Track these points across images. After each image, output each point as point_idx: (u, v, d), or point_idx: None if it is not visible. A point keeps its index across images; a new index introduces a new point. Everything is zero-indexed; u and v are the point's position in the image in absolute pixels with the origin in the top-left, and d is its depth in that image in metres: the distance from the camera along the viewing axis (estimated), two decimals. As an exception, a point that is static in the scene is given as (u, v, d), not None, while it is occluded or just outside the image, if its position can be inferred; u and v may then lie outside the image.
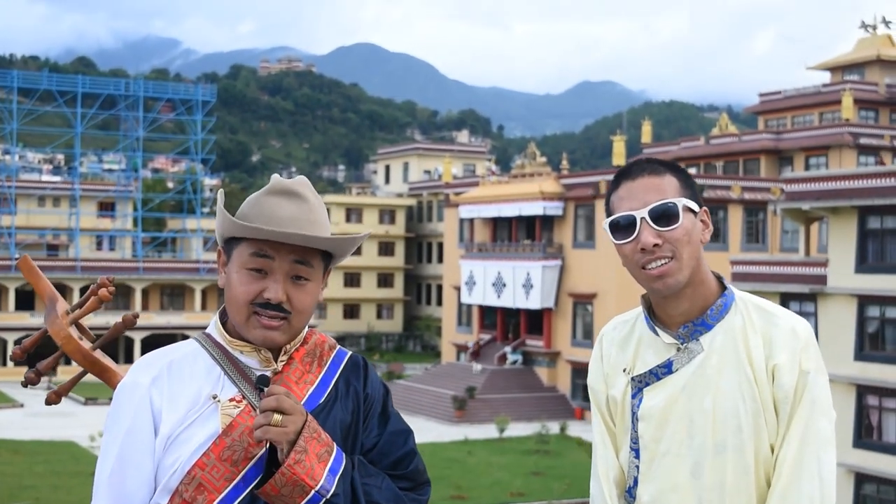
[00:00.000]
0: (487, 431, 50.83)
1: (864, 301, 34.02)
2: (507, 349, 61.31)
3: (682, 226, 2.65)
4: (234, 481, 2.45)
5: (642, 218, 2.65)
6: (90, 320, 3.29)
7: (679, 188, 2.70)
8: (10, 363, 69.27)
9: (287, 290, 2.54)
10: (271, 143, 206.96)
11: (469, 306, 67.69)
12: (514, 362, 60.82)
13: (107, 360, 3.09)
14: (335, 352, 2.71)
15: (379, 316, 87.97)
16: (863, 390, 33.55)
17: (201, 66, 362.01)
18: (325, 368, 2.66)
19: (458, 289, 67.72)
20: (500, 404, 55.56)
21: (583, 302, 57.97)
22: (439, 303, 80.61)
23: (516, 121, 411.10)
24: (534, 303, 59.40)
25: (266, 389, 2.43)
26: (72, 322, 3.11)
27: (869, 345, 34.13)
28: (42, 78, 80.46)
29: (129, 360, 72.25)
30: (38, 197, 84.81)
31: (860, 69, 71.23)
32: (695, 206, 2.70)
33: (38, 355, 3.23)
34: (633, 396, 2.75)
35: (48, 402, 3.11)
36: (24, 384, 3.14)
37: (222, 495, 2.45)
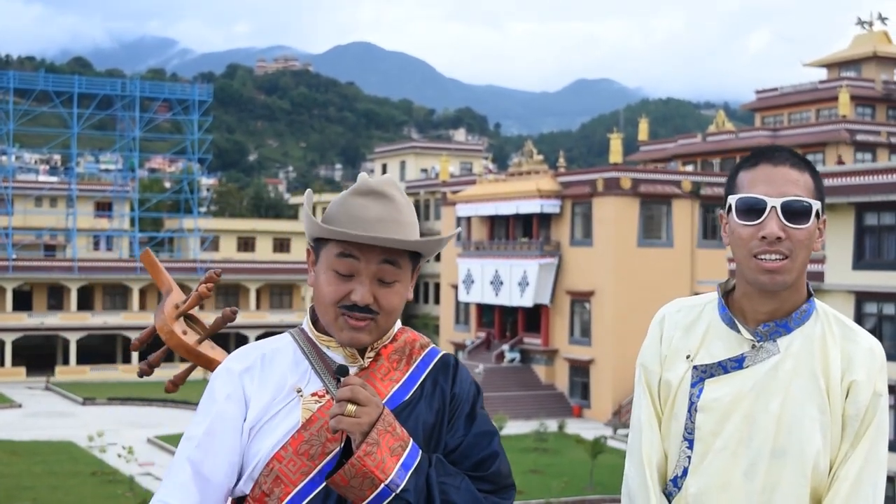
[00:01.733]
0: (486, 430, 50.78)
1: (862, 297, 34.07)
2: (505, 347, 61.29)
3: (809, 228, 2.59)
4: (311, 475, 2.47)
5: (774, 207, 2.58)
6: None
7: (814, 189, 2.63)
8: (7, 364, 69.19)
9: (374, 292, 2.55)
10: (268, 142, 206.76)
11: (467, 304, 67.68)
12: (512, 360, 60.81)
13: (214, 353, 3.18)
14: (426, 351, 2.71)
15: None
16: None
17: (198, 65, 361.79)
18: (414, 367, 2.66)
19: (455, 287, 67.71)
20: (498, 402, 55.53)
21: (580, 300, 57.96)
22: (437, 301, 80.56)
23: (513, 119, 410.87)
24: (529, 300, 59.38)
25: (343, 380, 2.44)
26: (177, 316, 3.20)
27: (866, 341, 34.14)
28: (38, 78, 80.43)
29: (125, 359, 72.24)
30: (35, 197, 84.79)
31: (857, 66, 71.24)
32: (821, 213, 2.64)
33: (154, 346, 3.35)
34: (693, 385, 2.69)
35: (167, 390, 3.22)
36: (140, 374, 3.27)
37: (298, 489, 2.46)
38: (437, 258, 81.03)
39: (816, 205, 2.60)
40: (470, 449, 2.59)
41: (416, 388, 2.62)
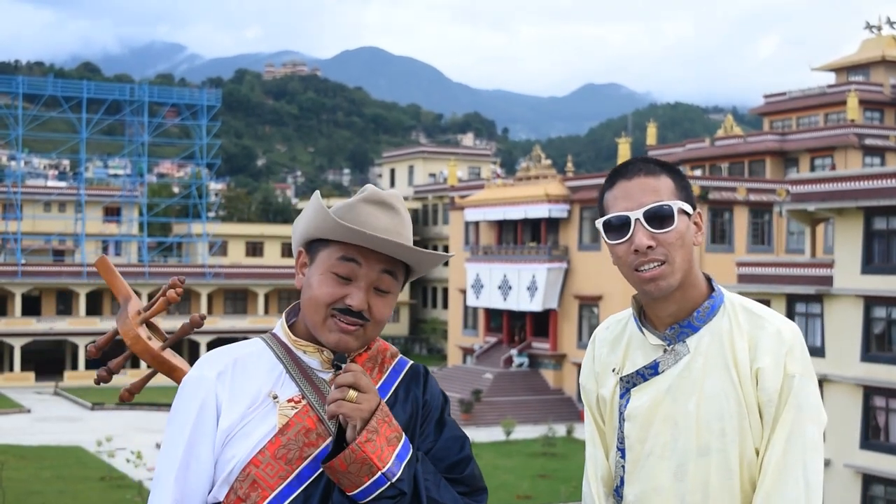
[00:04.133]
0: (494, 434, 50.81)
1: (871, 302, 33.99)
2: (514, 352, 61.29)
3: (677, 229, 2.62)
4: (288, 479, 2.47)
5: (637, 219, 2.62)
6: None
7: (674, 189, 2.67)
8: (16, 369, 69.33)
9: (369, 299, 2.56)
10: (276, 147, 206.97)
11: (475, 309, 67.69)
12: (521, 365, 60.81)
13: (176, 360, 3.15)
14: (396, 360, 2.72)
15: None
16: (869, 391, 33.52)
17: (206, 70, 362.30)
18: (386, 375, 2.67)
19: (463, 292, 67.72)
20: (507, 407, 55.54)
21: (588, 304, 57.94)
22: (445, 306, 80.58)
23: (521, 123, 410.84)
24: (537, 305, 59.38)
25: (344, 366, 2.46)
26: (141, 322, 3.16)
27: (875, 346, 34.09)
28: (47, 84, 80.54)
29: (135, 364, 72.38)
30: (44, 202, 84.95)
31: (865, 70, 71.14)
32: (688, 209, 2.67)
33: (111, 354, 3.32)
34: (622, 396, 2.75)
35: (121, 398, 3.17)
36: (97, 382, 3.20)
37: (275, 493, 2.46)
38: (445, 263, 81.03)
39: (678, 204, 2.64)
40: (443, 452, 2.62)
41: (390, 394, 2.63)
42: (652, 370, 2.69)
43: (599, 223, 2.72)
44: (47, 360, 71.54)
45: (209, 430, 2.51)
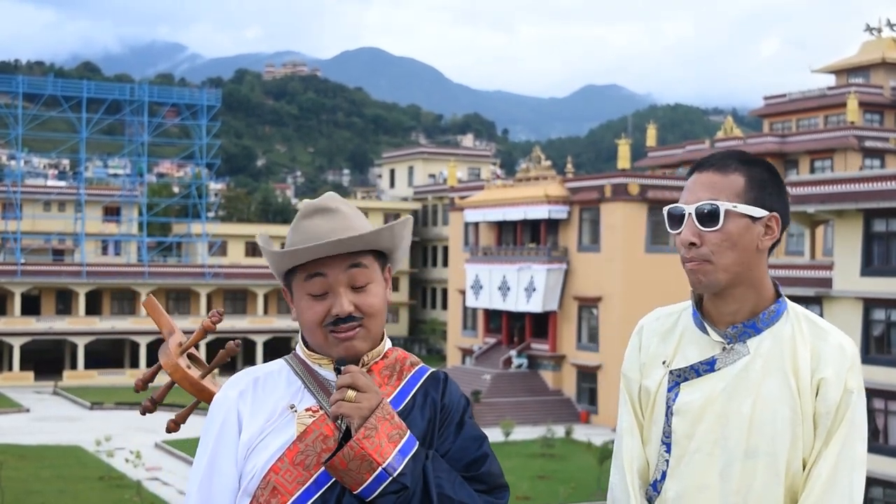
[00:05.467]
0: (493, 435, 50.77)
1: (870, 304, 34.01)
2: (513, 353, 61.30)
3: (723, 230, 2.63)
4: (306, 485, 2.51)
5: (689, 214, 2.66)
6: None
7: (742, 189, 2.66)
8: (16, 368, 69.32)
9: (351, 300, 2.60)
10: (276, 147, 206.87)
11: (474, 310, 67.69)
12: (520, 366, 60.80)
13: (215, 387, 3.22)
14: (416, 368, 2.75)
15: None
16: (869, 394, 33.46)
17: (206, 70, 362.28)
18: (405, 381, 2.70)
19: (463, 292, 67.72)
20: (506, 408, 55.54)
21: (588, 305, 57.95)
22: (444, 306, 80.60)
23: (521, 124, 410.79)
24: (536, 306, 59.38)
25: (342, 368, 2.50)
26: (182, 353, 3.25)
27: (875, 348, 34.12)
28: (47, 83, 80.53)
29: (133, 364, 72.35)
30: (44, 202, 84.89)
31: (865, 72, 71.15)
32: (751, 211, 2.64)
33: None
34: (670, 390, 2.73)
35: (168, 430, 3.26)
36: (143, 412, 3.26)
37: (294, 497, 2.50)
38: (445, 263, 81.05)
39: (728, 205, 2.63)
40: (460, 452, 2.62)
41: (408, 399, 2.66)
42: (708, 367, 2.69)
43: (665, 211, 2.76)
44: (46, 359, 71.51)
45: (231, 444, 2.60)
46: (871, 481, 33.25)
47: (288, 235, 2.67)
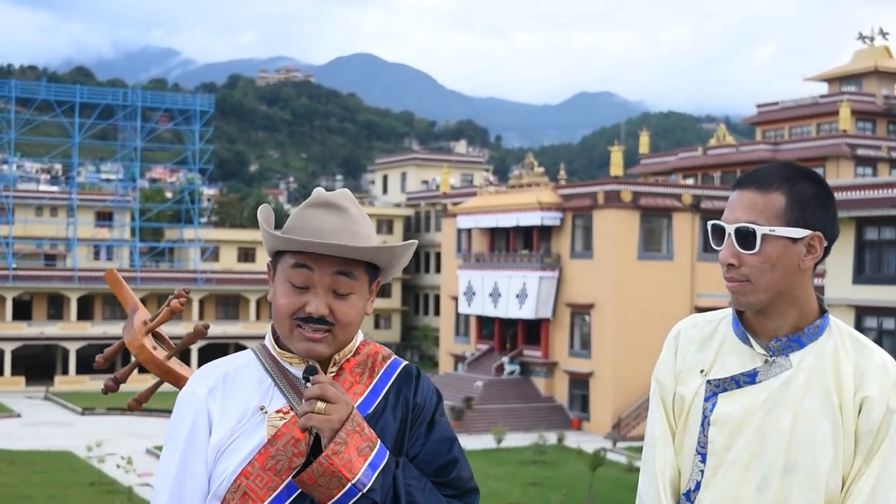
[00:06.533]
0: (485, 442, 50.76)
1: (862, 312, 34.05)
2: (505, 359, 61.26)
3: (762, 253, 2.60)
4: (277, 490, 2.47)
5: (729, 233, 2.63)
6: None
7: (783, 209, 2.61)
8: (7, 373, 69.15)
9: (329, 303, 2.54)
10: (269, 152, 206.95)
11: (467, 316, 67.66)
12: (512, 373, 60.76)
13: (182, 369, 3.16)
14: (389, 362, 2.70)
15: (376, 326, 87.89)
16: (860, 401, 33.53)
17: (200, 76, 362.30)
18: (377, 379, 2.66)
19: (455, 299, 67.69)
20: (498, 415, 55.48)
21: (580, 312, 57.94)
22: (437, 313, 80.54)
23: (514, 131, 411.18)
24: (528, 313, 59.36)
25: (312, 378, 2.45)
26: (147, 332, 3.18)
27: (866, 356, 34.12)
28: (40, 88, 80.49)
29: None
30: (36, 207, 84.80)
31: (858, 80, 71.34)
32: (791, 233, 2.61)
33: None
34: (707, 399, 2.70)
35: (130, 407, 3.24)
36: (105, 391, 3.21)
37: (265, 503, 2.47)
38: (438, 270, 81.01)
39: (766, 229, 2.59)
40: (431, 455, 2.60)
41: (380, 399, 2.62)
42: (749, 378, 2.66)
43: (709, 225, 2.74)
44: (38, 364, 71.33)
45: (202, 446, 2.53)
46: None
47: (290, 217, 2.62)
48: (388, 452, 2.50)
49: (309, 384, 2.46)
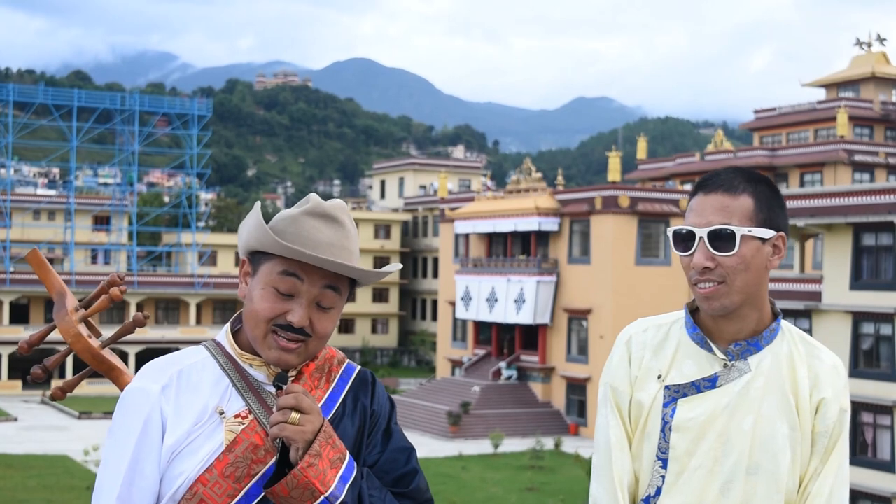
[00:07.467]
0: (482, 447, 50.76)
1: (859, 318, 34.05)
2: (502, 364, 61.25)
3: (739, 254, 2.60)
4: (237, 498, 2.43)
5: (701, 237, 2.62)
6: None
7: (752, 211, 2.63)
8: (4, 377, 69.09)
9: (311, 315, 2.51)
10: (267, 157, 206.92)
11: (464, 321, 67.65)
12: (509, 378, 60.75)
13: (114, 359, 3.07)
14: (343, 367, 2.68)
15: (374, 331, 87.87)
16: (857, 407, 33.52)
17: (197, 80, 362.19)
18: (334, 384, 2.63)
19: (453, 304, 67.68)
20: (495, 420, 55.48)
21: (578, 317, 57.93)
22: (434, 318, 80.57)
23: (512, 136, 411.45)
24: (527, 318, 59.34)
25: (284, 387, 2.41)
26: (81, 319, 3.08)
27: (863, 362, 34.14)
28: (38, 91, 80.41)
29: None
30: (33, 210, 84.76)
31: (855, 86, 71.38)
32: (763, 234, 2.63)
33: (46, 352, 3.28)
34: (666, 405, 2.70)
35: (53, 397, 3.10)
36: (31, 379, 3.10)
37: None
38: (435, 275, 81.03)
39: (742, 230, 2.60)
40: (389, 464, 2.58)
41: (338, 405, 2.60)
42: (710, 383, 2.67)
43: (670, 232, 2.71)
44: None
45: (154, 446, 2.45)
46: (861, 495, 33.27)
47: (280, 220, 2.54)
48: (356, 464, 2.48)
49: (279, 392, 2.42)
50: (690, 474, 2.65)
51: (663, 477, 2.68)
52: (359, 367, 2.70)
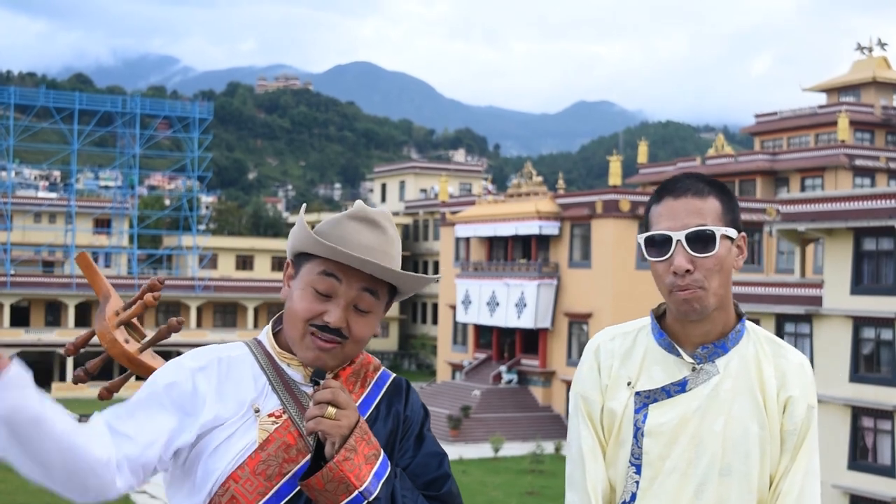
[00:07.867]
0: (482, 451, 50.74)
1: (860, 322, 34.03)
2: (503, 368, 61.23)
3: (717, 254, 2.64)
4: (267, 496, 2.46)
5: (678, 240, 2.64)
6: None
7: (720, 213, 2.67)
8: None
9: (347, 317, 2.54)
10: (268, 160, 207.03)
11: (465, 325, 67.64)
12: (510, 382, 60.74)
13: (155, 362, 3.11)
14: (379, 373, 2.72)
15: (374, 334, 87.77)
16: (858, 412, 33.54)
17: (199, 83, 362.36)
18: (368, 389, 2.66)
19: (453, 307, 67.67)
20: (495, 424, 55.45)
21: (578, 321, 57.92)
22: (435, 321, 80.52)
23: (513, 140, 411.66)
24: (527, 322, 59.33)
25: (322, 382, 2.44)
26: (118, 324, 3.13)
27: (864, 366, 34.13)
28: (39, 94, 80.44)
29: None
30: (34, 213, 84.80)
31: (856, 91, 71.40)
32: (732, 233, 2.68)
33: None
34: (637, 411, 2.72)
35: (100, 397, 3.16)
36: (75, 381, 3.19)
37: None
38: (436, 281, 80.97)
39: (721, 230, 2.64)
40: (420, 468, 2.61)
41: (372, 409, 2.63)
42: (679, 387, 2.69)
43: (641, 238, 2.74)
44: (35, 371, 69.83)
45: (173, 406, 2.48)
46: (860, 500, 33.26)
47: (325, 223, 2.60)
48: (389, 462, 2.50)
49: (316, 388, 2.45)
50: (664, 478, 2.67)
51: (637, 482, 2.71)
52: (394, 375, 2.74)
